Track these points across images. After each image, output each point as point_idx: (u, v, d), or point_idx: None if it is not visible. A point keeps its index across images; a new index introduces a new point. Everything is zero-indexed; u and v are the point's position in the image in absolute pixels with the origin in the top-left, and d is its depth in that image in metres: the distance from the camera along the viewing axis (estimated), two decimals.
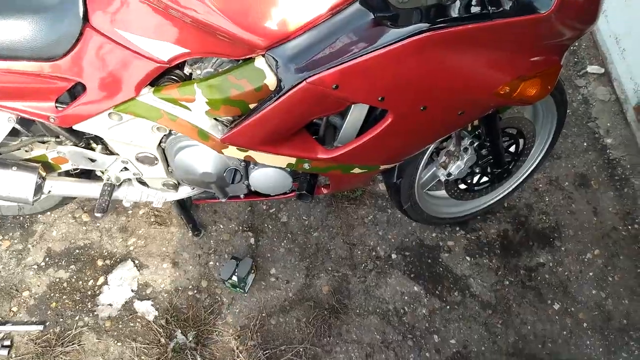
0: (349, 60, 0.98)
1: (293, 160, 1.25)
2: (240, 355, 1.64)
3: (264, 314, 1.72)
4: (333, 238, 1.89)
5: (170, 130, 1.29)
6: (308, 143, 1.21)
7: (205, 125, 1.23)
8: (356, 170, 1.34)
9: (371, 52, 0.96)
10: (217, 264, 1.82)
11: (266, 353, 1.64)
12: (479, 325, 1.73)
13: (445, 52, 0.98)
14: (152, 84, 1.19)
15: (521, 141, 1.64)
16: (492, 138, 1.50)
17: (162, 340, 1.65)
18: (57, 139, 1.41)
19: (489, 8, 0.93)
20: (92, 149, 1.43)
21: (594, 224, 1.96)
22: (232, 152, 1.25)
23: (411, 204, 1.67)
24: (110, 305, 1.73)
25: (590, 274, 1.84)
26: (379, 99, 1.05)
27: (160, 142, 1.37)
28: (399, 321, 1.72)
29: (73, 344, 1.64)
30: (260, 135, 1.16)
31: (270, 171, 1.37)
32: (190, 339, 1.65)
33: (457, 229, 1.93)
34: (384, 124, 1.12)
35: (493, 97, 1.08)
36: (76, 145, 1.40)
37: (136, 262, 1.82)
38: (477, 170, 1.59)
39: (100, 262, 1.82)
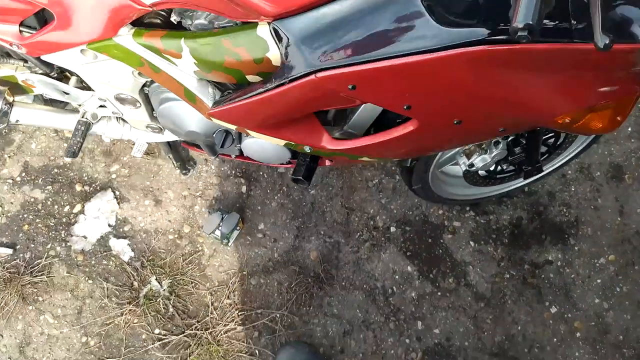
0: (377, 61, 0.74)
1: (293, 142, 1.06)
2: (215, 312, 1.57)
3: (244, 272, 1.62)
4: (331, 199, 1.73)
5: None
6: (314, 130, 1.00)
7: (192, 86, 1.02)
8: (365, 159, 1.15)
9: (408, 55, 0.72)
10: (203, 209, 1.69)
11: (241, 314, 1.57)
12: (467, 317, 1.64)
13: (504, 70, 0.74)
14: (133, 24, 0.97)
15: (562, 134, 1.41)
16: (531, 134, 1.28)
17: (135, 284, 1.57)
18: (26, 63, 1.21)
19: (572, 24, 0.67)
20: (66, 81, 1.22)
21: (617, 224, 1.79)
22: (223, 122, 1.05)
23: (422, 185, 1.49)
24: (85, 237, 1.62)
25: (598, 280, 1.71)
26: (405, 107, 0.83)
27: (144, 86, 1.16)
28: (385, 301, 1.63)
29: (42, 275, 1.56)
30: (256, 119, 0.96)
31: (266, 143, 1.17)
32: (165, 287, 1.57)
33: (467, 209, 1.76)
34: (406, 129, 0.91)
35: (549, 123, 0.86)
36: (47, 75, 1.20)
37: (117, 193, 1.69)
38: (504, 167, 1.39)
39: (78, 187, 1.69)
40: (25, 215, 1.64)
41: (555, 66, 0.74)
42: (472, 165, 1.36)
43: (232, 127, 1.06)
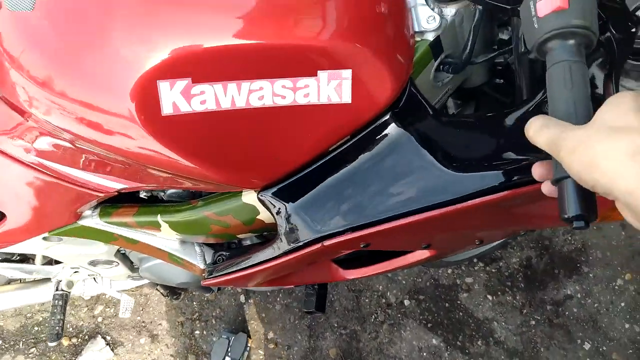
0: (390, 220, 0.66)
1: (303, 284, 0.96)
2: None
3: None
4: (336, 285, 1.64)
5: None
6: (326, 269, 0.91)
7: (177, 250, 0.92)
8: None
9: (419, 212, 0.64)
10: (204, 332, 1.56)
11: None
12: None
13: (531, 201, 0.67)
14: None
15: None
16: None
17: None
18: None
19: None
20: (31, 261, 1.10)
21: (623, 240, 1.75)
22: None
23: None
24: None
25: (622, 304, 1.66)
26: (423, 246, 0.75)
27: (119, 249, 1.05)
28: None
29: None
30: (259, 282, 0.86)
31: None
32: None
33: (475, 261, 1.69)
34: (424, 255, 0.83)
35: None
36: (8, 261, 1.07)
37: (108, 338, 1.55)
38: None
39: (65, 342, 1.54)
40: None
41: None
42: None
43: None
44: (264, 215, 0.77)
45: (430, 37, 0.70)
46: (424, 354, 1.57)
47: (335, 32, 0.57)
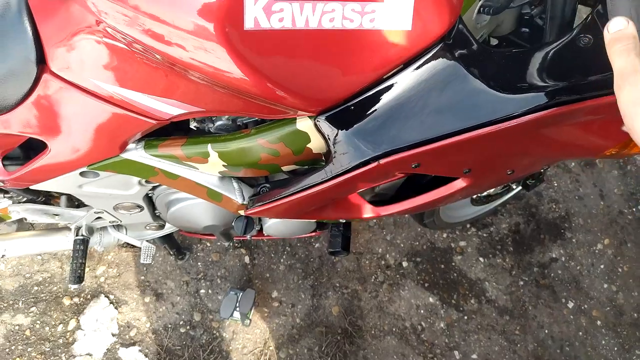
0: (442, 138, 0.71)
1: (332, 219, 1.00)
2: None
3: (271, 347, 1.54)
4: None
5: None
6: (356, 205, 0.96)
7: (216, 185, 0.95)
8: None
9: (469, 130, 0.70)
10: (210, 291, 1.58)
11: None
12: (497, 334, 1.65)
13: (561, 125, 0.74)
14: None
15: None
16: None
17: None
18: (6, 194, 1.06)
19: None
20: (55, 202, 1.09)
21: (602, 209, 1.88)
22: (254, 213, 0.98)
23: (433, 219, 1.48)
24: (90, 355, 1.46)
25: (602, 266, 1.79)
26: (464, 171, 0.81)
27: (147, 193, 1.07)
28: (418, 339, 1.60)
29: None
30: (301, 210, 0.89)
31: (292, 221, 1.11)
32: None
33: (468, 226, 1.78)
34: (460, 185, 0.89)
35: (598, 156, 0.88)
36: (33, 202, 1.06)
37: (111, 297, 1.54)
38: (514, 185, 1.41)
39: (67, 301, 1.52)
40: (13, 348, 1.46)
41: (602, 114, 0.75)
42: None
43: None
44: (314, 144, 0.80)
45: None
46: (421, 311, 1.64)
47: None
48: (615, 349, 1.67)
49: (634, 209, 1.90)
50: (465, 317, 1.65)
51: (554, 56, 0.75)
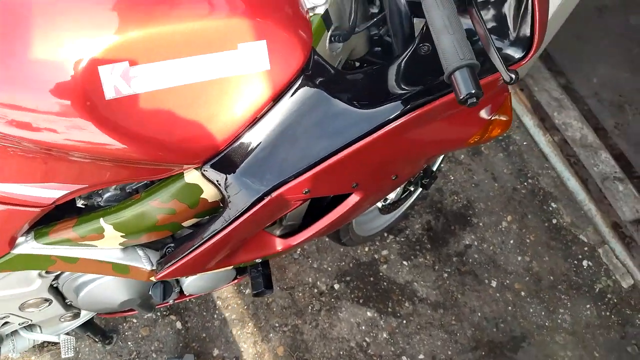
0: (324, 160, 0.77)
1: (246, 262, 1.02)
2: None
3: None
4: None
5: None
6: (265, 242, 0.98)
7: (120, 258, 0.93)
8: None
9: (343, 148, 0.76)
10: None
11: None
12: (437, 329, 1.72)
13: (424, 125, 0.83)
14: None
15: None
16: None
17: None
18: None
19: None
20: None
21: (497, 190, 2.05)
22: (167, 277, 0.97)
23: (349, 236, 1.54)
24: None
25: (511, 241, 1.94)
26: (352, 186, 0.87)
27: (52, 283, 1.02)
28: (366, 355, 1.63)
29: None
30: (210, 261, 0.90)
31: (209, 274, 1.11)
32: None
33: (386, 235, 1.86)
34: (353, 201, 0.95)
35: (464, 146, 0.98)
36: None
37: None
38: (410, 187, 1.51)
39: None
40: None
41: (454, 109, 0.85)
42: (386, 199, 1.45)
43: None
44: (207, 194, 0.82)
45: (321, 10, 0.83)
46: (363, 327, 1.68)
47: (245, 10, 0.67)
48: (543, 313, 1.80)
49: (525, 183, 2.09)
50: (404, 321, 1.71)
51: (403, 66, 0.84)
